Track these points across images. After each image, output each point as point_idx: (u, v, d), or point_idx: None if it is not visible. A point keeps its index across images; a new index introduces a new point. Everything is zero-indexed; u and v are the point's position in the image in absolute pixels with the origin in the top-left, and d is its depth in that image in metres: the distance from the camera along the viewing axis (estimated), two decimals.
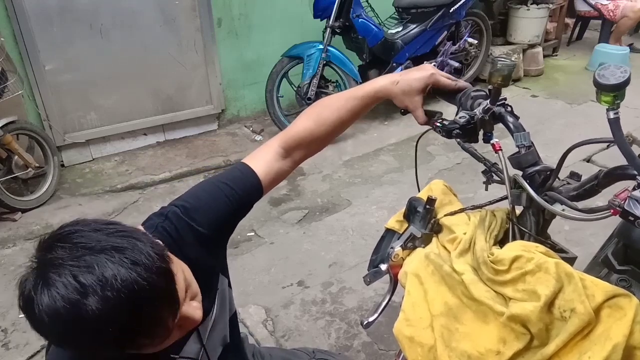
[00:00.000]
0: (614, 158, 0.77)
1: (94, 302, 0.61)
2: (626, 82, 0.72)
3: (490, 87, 0.88)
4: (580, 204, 0.84)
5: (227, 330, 1.05)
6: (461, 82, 0.98)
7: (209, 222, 0.91)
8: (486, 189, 1.03)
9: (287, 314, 2.17)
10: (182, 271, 0.73)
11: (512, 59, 4.60)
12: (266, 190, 1.00)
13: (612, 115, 0.75)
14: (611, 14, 5.17)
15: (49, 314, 0.62)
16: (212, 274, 0.96)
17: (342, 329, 2.08)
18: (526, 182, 0.87)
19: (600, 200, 0.81)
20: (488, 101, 0.89)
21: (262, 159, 1.00)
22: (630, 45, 5.39)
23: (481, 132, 0.94)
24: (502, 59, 0.87)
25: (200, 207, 0.92)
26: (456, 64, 4.19)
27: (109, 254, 0.64)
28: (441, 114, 0.98)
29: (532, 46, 4.83)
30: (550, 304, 0.75)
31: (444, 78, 0.96)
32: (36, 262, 0.66)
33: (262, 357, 1.24)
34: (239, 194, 0.95)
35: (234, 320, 1.09)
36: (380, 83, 0.98)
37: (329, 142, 1.06)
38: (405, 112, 1.02)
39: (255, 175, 0.98)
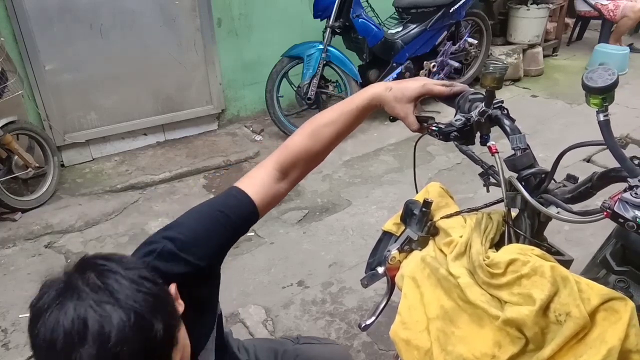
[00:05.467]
0: (613, 158, 0.76)
1: (85, 354, 0.61)
2: (614, 85, 0.73)
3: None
4: (578, 206, 0.84)
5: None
6: (457, 87, 0.98)
7: (206, 254, 0.88)
8: (487, 191, 1.03)
9: (287, 314, 2.17)
10: (182, 349, 0.72)
11: (512, 58, 4.62)
12: (262, 214, 0.98)
13: (601, 117, 0.75)
14: (611, 14, 5.16)
15: (45, 337, 0.62)
16: (210, 303, 0.96)
17: (342, 329, 2.08)
18: (521, 184, 0.87)
19: (599, 201, 0.80)
20: (483, 104, 0.89)
21: (258, 184, 0.97)
22: (630, 45, 5.38)
23: (478, 135, 0.94)
24: (494, 62, 0.88)
25: (197, 239, 0.88)
26: (456, 64, 4.19)
27: (128, 315, 0.63)
28: (434, 118, 0.99)
29: (532, 46, 4.82)
30: (545, 308, 0.75)
31: (438, 86, 0.97)
32: (65, 278, 0.67)
33: (247, 350, 1.24)
34: (235, 221, 0.93)
35: (219, 321, 1.08)
36: (374, 90, 0.98)
37: (325, 157, 1.05)
38: (394, 119, 1.03)
39: (251, 202, 0.95)
